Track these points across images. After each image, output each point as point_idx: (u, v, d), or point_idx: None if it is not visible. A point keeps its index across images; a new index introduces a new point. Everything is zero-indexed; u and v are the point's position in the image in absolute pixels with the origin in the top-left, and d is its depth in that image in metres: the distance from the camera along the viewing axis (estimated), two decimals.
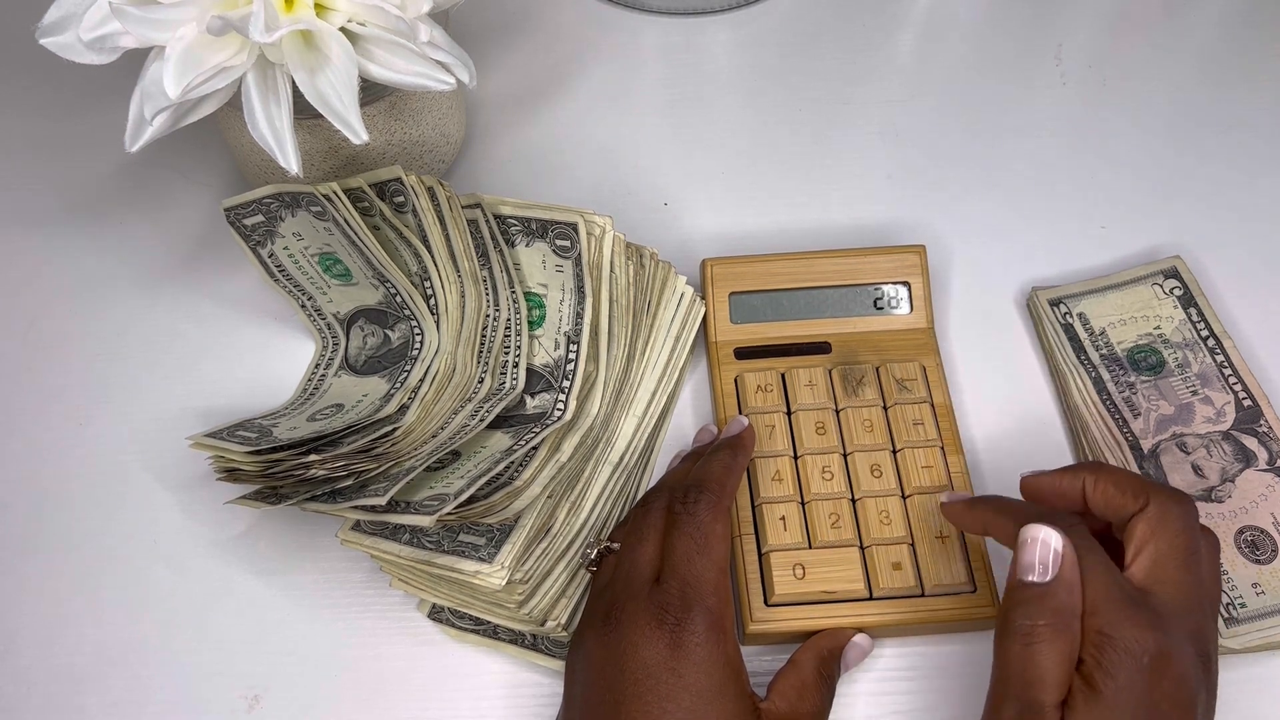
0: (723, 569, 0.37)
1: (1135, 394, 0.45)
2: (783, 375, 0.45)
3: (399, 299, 0.44)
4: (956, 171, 0.54)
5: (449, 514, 0.37)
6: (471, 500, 0.38)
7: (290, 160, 0.38)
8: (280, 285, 0.47)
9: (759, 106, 0.57)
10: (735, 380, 0.45)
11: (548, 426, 0.41)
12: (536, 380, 0.44)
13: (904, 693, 0.40)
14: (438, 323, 0.43)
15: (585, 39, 0.60)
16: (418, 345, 0.43)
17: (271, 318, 0.49)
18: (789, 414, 0.44)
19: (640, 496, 0.43)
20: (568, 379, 0.43)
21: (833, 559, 0.40)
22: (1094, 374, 0.46)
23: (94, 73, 0.44)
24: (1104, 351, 0.46)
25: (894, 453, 0.43)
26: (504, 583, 0.37)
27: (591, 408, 0.43)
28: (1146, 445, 0.43)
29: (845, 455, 0.43)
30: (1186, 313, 0.47)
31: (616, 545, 0.39)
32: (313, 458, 0.39)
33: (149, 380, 0.48)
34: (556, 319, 0.44)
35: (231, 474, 0.39)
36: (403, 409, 0.41)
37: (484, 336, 0.43)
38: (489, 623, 0.41)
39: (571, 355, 0.43)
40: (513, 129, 0.56)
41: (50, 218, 0.53)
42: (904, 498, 0.42)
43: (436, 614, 0.42)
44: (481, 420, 0.41)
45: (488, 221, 0.43)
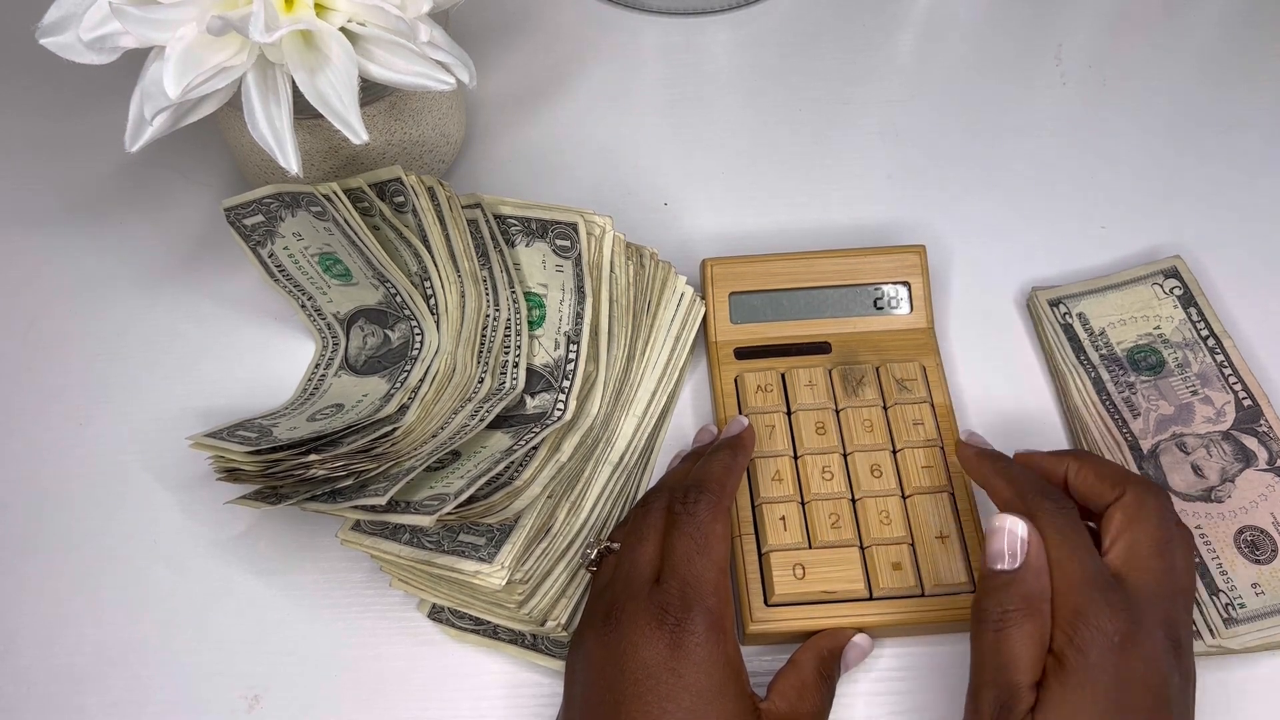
0: (723, 569, 0.37)
1: (1135, 394, 0.45)
2: (783, 375, 0.45)
3: (399, 299, 0.44)
4: (956, 171, 0.54)
5: (449, 514, 0.37)
6: (471, 500, 0.38)
7: (290, 160, 0.38)
8: (280, 285, 0.47)
9: (759, 106, 0.57)
10: (735, 380, 0.45)
11: (548, 426, 0.41)
12: (536, 380, 0.44)
13: (904, 693, 0.40)
14: (438, 323, 0.43)
15: (585, 39, 0.60)
16: (418, 345, 0.43)
17: (271, 318, 0.49)
18: (789, 414, 0.44)
19: (640, 496, 0.43)
20: (568, 379, 0.43)
21: (833, 559, 0.40)
22: (1094, 374, 0.46)
23: (94, 73, 0.44)
24: (1104, 351, 0.46)
25: (894, 453, 0.43)
26: (504, 583, 0.37)
27: (591, 408, 0.43)
28: (1146, 445, 0.43)
29: (845, 455, 0.43)
30: (1186, 313, 0.47)
31: (616, 545, 0.39)
32: (313, 458, 0.39)
33: (149, 380, 0.48)
34: (556, 319, 0.44)
35: (231, 474, 0.39)
36: (403, 409, 0.41)
37: (484, 336, 0.43)
38: (489, 623, 0.41)
39: (571, 355, 0.43)
40: (513, 129, 0.56)
41: (50, 218, 0.53)
42: (904, 498, 0.42)
43: (436, 614, 0.42)
44: (481, 420, 0.41)
45: (488, 221, 0.43)
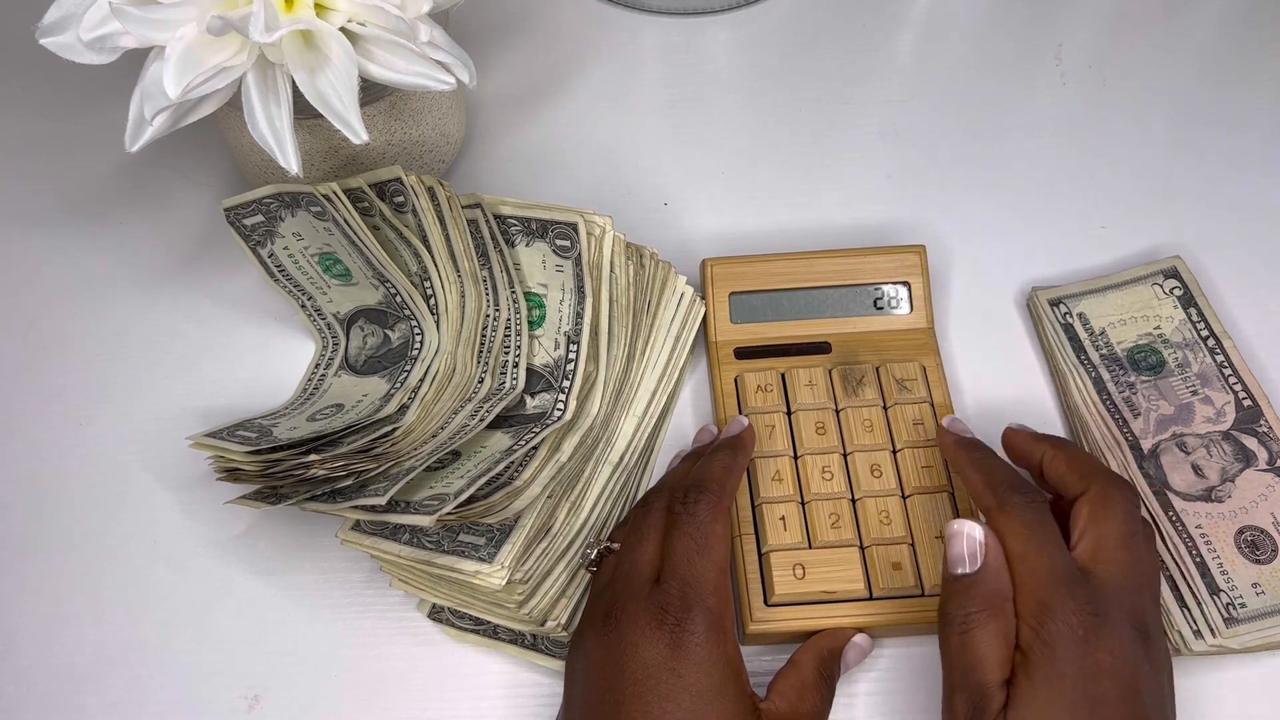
0: (723, 569, 0.37)
1: (1135, 394, 0.45)
2: (783, 375, 0.45)
3: (399, 299, 0.44)
4: (956, 171, 0.54)
5: (449, 514, 0.37)
6: (471, 500, 0.38)
7: (290, 160, 0.38)
8: (280, 285, 0.47)
9: (759, 106, 0.57)
10: (735, 380, 0.45)
11: (548, 426, 0.41)
12: (536, 380, 0.44)
13: (904, 692, 0.40)
14: (438, 323, 0.43)
15: (585, 39, 0.60)
16: (418, 345, 0.43)
17: (271, 318, 0.49)
18: (789, 414, 0.44)
19: (640, 496, 0.43)
20: (568, 379, 0.43)
21: (833, 559, 0.40)
22: (1094, 374, 0.46)
23: (94, 73, 0.44)
24: (1104, 351, 0.46)
25: (894, 453, 0.43)
26: (504, 583, 0.37)
27: (591, 408, 0.43)
28: (1146, 445, 0.43)
29: (845, 455, 0.43)
30: (1186, 313, 0.47)
31: (616, 545, 0.39)
32: (313, 458, 0.39)
33: (149, 380, 0.48)
34: (556, 319, 0.44)
35: (231, 474, 0.39)
36: (403, 409, 0.41)
37: (484, 336, 0.43)
38: (489, 623, 0.41)
39: (571, 355, 0.43)
40: (513, 129, 0.56)
41: (50, 218, 0.53)
42: (904, 498, 0.42)
43: (436, 614, 0.42)
44: (481, 420, 0.41)
45: (488, 221, 0.43)
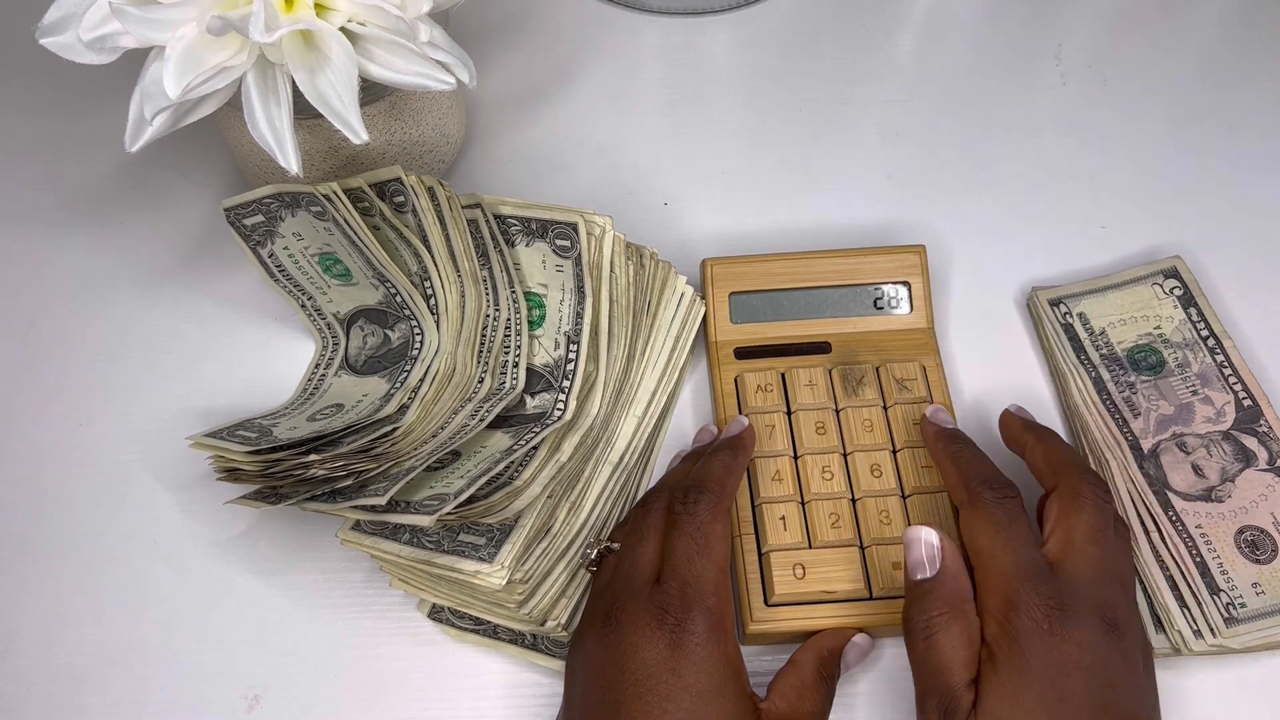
0: (723, 569, 0.37)
1: (1135, 394, 0.45)
2: (783, 375, 0.45)
3: (399, 299, 0.44)
4: (956, 172, 0.54)
5: (449, 514, 0.37)
6: (471, 500, 0.38)
7: (290, 160, 0.38)
8: (280, 285, 0.47)
9: (759, 106, 0.57)
10: (735, 380, 0.45)
11: (548, 426, 0.41)
12: (536, 380, 0.44)
13: (904, 693, 0.40)
14: (438, 323, 0.43)
15: (585, 39, 0.60)
16: (418, 345, 0.43)
17: (271, 318, 0.49)
18: (789, 414, 0.44)
19: (640, 496, 0.43)
20: (568, 379, 0.43)
21: (833, 559, 0.40)
22: (1094, 374, 0.46)
23: (94, 73, 0.44)
24: (1104, 351, 0.46)
25: (894, 453, 0.43)
26: (504, 583, 0.37)
27: (591, 408, 0.43)
28: (1146, 445, 0.43)
29: (845, 455, 0.43)
30: (1186, 313, 0.47)
31: (616, 545, 0.39)
32: (313, 457, 0.39)
33: (149, 380, 0.48)
34: (556, 319, 0.44)
35: (231, 474, 0.39)
36: (403, 409, 0.41)
37: (484, 336, 0.43)
38: (489, 623, 0.41)
39: (571, 355, 0.43)
40: (513, 129, 0.56)
41: (50, 218, 0.53)
42: (904, 498, 0.42)
43: (436, 614, 0.42)
44: (481, 420, 0.41)
45: (488, 221, 0.43)
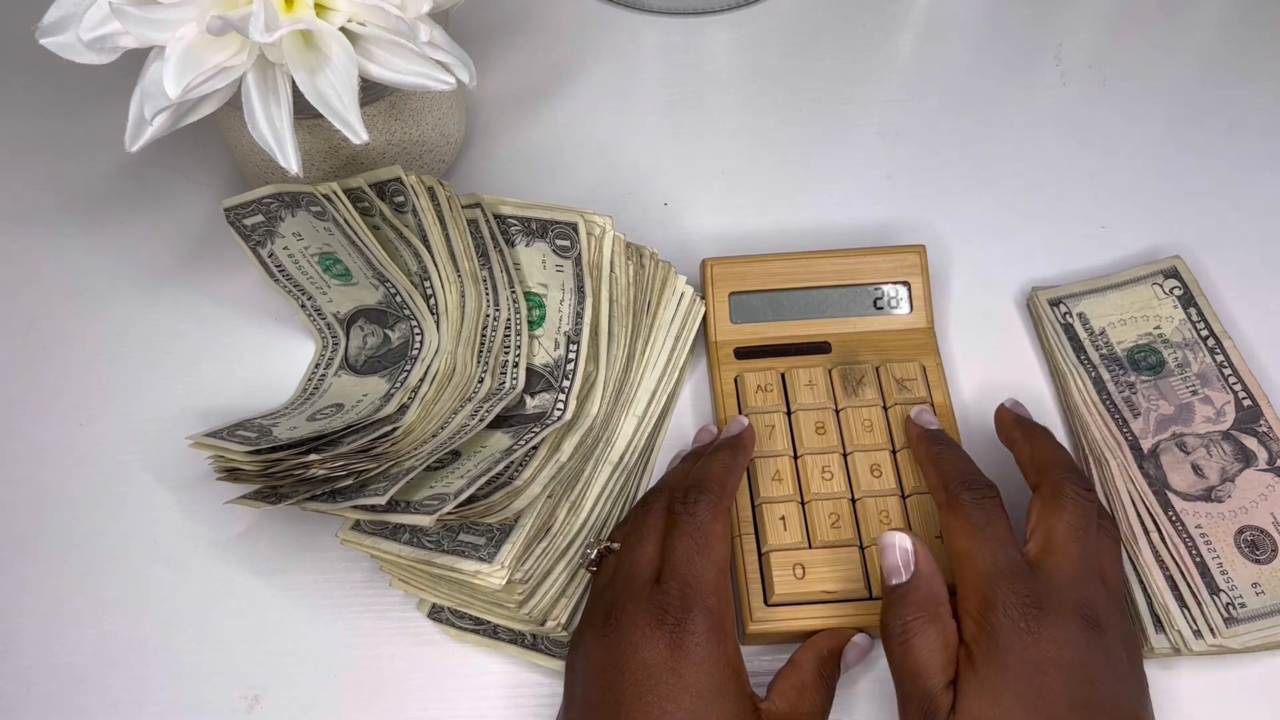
0: (723, 569, 0.37)
1: (1135, 394, 0.45)
2: (783, 375, 0.45)
3: (399, 299, 0.44)
4: (956, 172, 0.54)
5: (449, 514, 0.37)
6: (471, 500, 0.38)
7: (290, 160, 0.38)
8: (280, 285, 0.47)
9: (759, 106, 0.57)
10: (735, 380, 0.45)
11: (548, 426, 0.41)
12: (536, 380, 0.44)
13: None
14: (438, 323, 0.43)
15: (585, 39, 0.60)
16: (418, 345, 0.43)
17: (271, 318, 0.49)
18: (789, 414, 0.44)
19: (640, 496, 0.43)
20: (568, 379, 0.43)
21: (833, 559, 0.40)
22: (1094, 374, 0.46)
23: (94, 73, 0.44)
24: (1104, 351, 0.46)
25: (894, 453, 0.43)
26: (504, 582, 0.37)
27: (591, 408, 0.43)
28: (1146, 445, 0.43)
29: (845, 455, 0.43)
30: (1186, 313, 0.47)
31: (616, 545, 0.39)
32: (313, 457, 0.39)
33: (149, 380, 0.48)
34: (556, 319, 0.44)
35: (231, 474, 0.39)
36: (403, 409, 0.41)
37: (484, 336, 0.43)
38: (489, 623, 0.41)
39: (571, 355, 0.43)
40: (513, 129, 0.56)
41: (50, 217, 0.53)
42: (904, 498, 0.42)
43: (436, 614, 0.42)
44: (481, 420, 0.41)
45: (488, 221, 0.43)
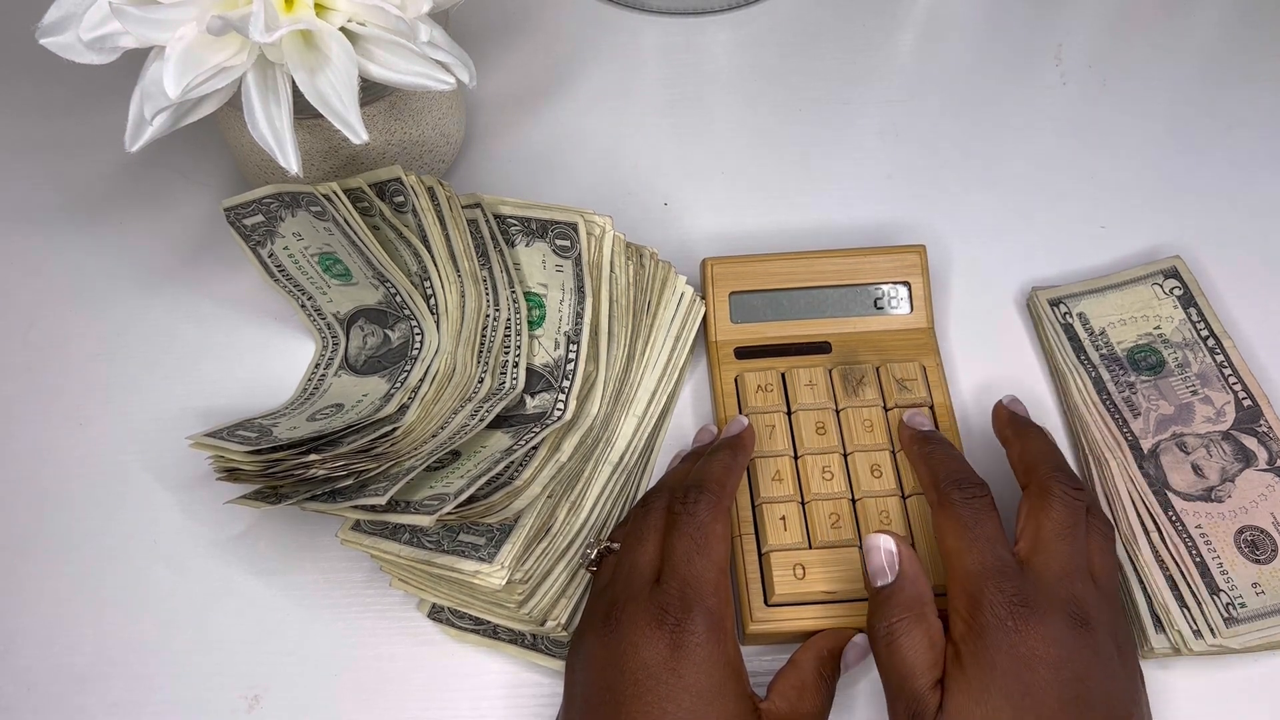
0: (723, 569, 0.37)
1: (1135, 394, 0.45)
2: (783, 375, 0.45)
3: (399, 299, 0.44)
4: (956, 171, 0.54)
5: (449, 514, 0.37)
6: (471, 500, 0.38)
7: (290, 160, 0.38)
8: (280, 285, 0.47)
9: (759, 106, 0.57)
10: (735, 380, 0.45)
11: (548, 426, 0.41)
12: (536, 380, 0.44)
13: None
14: (438, 323, 0.43)
15: (585, 39, 0.60)
16: (418, 345, 0.43)
17: (271, 318, 0.49)
18: (789, 414, 0.44)
19: (640, 496, 0.43)
20: (568, 379, 0.43)
21: (833, 559, 0.40)
22: (1094, 374, 0.46)
23: (94, 73, 0.44)
24: (1104, 351, 0.46)
25: (894, 453, 0.43)
26: (504, 582, 0.37)
27: (591, 408, 0.43)
28: (1146, 445, 0.43)
29: (845, 455, 0.43)
30: (1186, 313, 0.47)
31: (616, 545, 0.39)
32: (313, 457, 0.39)
33: (149, 380, 0.48)
34: (556, 319, 0.44)
35: (231, 474, 0.39)
36: (403, 409, 0.41)
37: (484, 336, 0.43)
38: (489, 623, 0.41)
39: (571, 355, 0.43)
40: (513, 129, 0.56)
41: (50, 217, 0.53)
42: (904, 498, 0.42)
43: (436, 614, 0.42)
44: (481, 420, 0.41)
45: (488, 221, 0.43)
